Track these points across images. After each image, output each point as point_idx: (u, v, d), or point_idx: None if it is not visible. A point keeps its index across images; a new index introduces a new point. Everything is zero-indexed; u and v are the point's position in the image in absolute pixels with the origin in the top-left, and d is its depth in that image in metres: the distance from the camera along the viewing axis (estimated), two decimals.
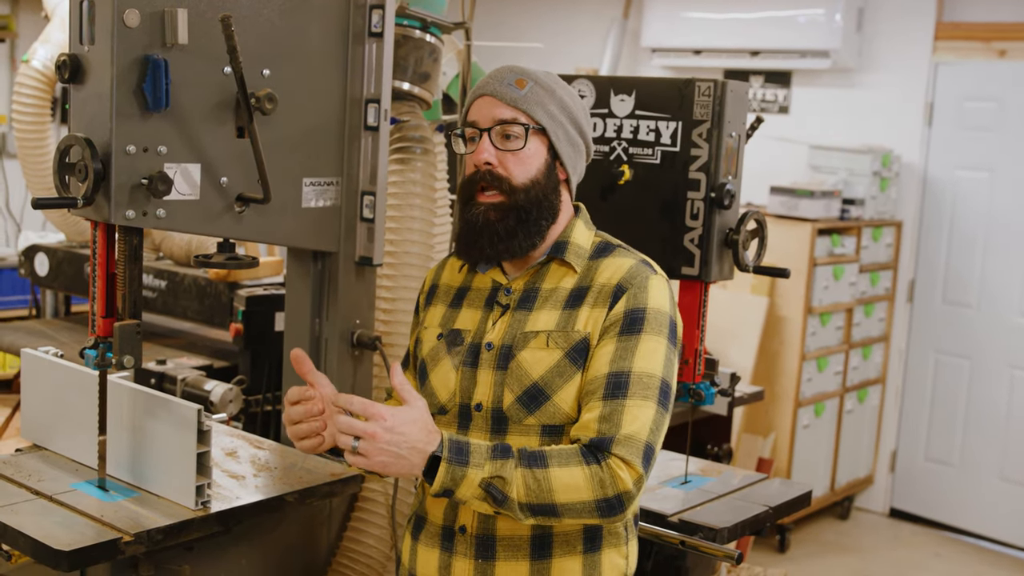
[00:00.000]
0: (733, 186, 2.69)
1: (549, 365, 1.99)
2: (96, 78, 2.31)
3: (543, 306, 2.05)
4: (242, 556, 2.62)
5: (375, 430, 1.83)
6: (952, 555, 5.79)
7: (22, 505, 2.34)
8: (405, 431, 1.84)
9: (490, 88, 2.05)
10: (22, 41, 7.09)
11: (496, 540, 2.00)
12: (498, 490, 1.86)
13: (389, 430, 1.83)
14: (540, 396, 1.98)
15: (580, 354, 1.99)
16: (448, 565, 2.04)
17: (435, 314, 2.16)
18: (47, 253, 4.66)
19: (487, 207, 2.02)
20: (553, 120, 2.06)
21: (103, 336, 2.39)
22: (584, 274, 2.06)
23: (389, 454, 1.83)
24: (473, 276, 2.15)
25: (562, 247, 2.08)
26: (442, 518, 2.06)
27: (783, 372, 5.65)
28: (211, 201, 2.47)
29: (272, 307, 3.53)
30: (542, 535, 2.00)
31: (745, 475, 3.09)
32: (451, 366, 2.07)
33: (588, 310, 2.01)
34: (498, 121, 2.03)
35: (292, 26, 2.60)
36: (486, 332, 2.06)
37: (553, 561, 2.01)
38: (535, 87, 2.05)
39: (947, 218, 6.06)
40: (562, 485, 1.87)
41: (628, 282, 2.01)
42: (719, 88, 2.65)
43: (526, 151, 2.03)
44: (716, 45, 6.52)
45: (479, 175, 2.03)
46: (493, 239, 2.02)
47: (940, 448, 6.15)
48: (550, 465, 1.87)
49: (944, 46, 5.97)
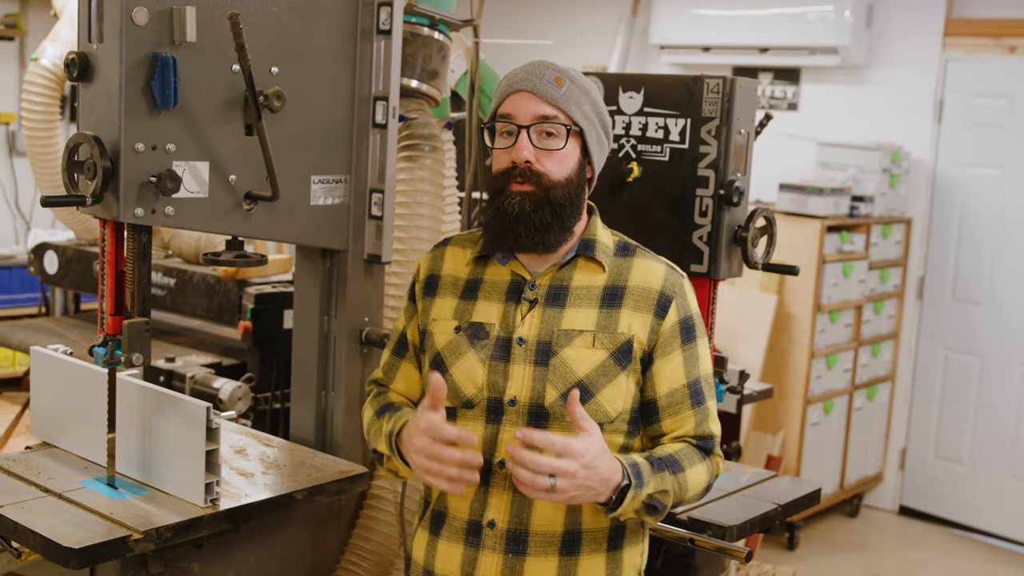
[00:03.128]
0: (742, 183, 2.69)
1: (595, 364, 2.00)
2: (105, 76, 2.31)
3: (577, 304, 2.05)
4: (251, 553, 2.62)
5: (575, 469, 1.84)
6: (962, 553, 5.78)
7: (32, 503, 2.35)
8: (598, 464, 1.88)
9: (529, 84, 2.03)
10: (31, 39, 7.10)
11: (529, 535, 2.00)
12: (660, 502, 1.97)
13: (587, 466, 1.85)
14: (584, 394, 1.99)
15: (624, 355, 2.02)
16: (474, 560, 2.02)
17: (445, 306, 2.12)
18: (56, 251, 4.67)
19: (522, 196, 2.00)
20: (588, 120, 2.06)
21: (112, 334, 2.39)
22: (614, 273, 2.07)
23: (583, 488, 1.87)
24: (484, 269, 2.12)
25: (591, 245, 2.09)
26: (467, 512, 2.04)
27: (792, 369, 5.64)
28: (220, 199, 2.47)
29: (281, 305, 3.53)
30: (573, 532, 2.01)
31: (754, 473, 3.09)
32: (477, 360, 2.04)
33: (630, 312, 2.04)
34: (539, 119, 2.01)
35: (300, 24, 2.60)
36: (516, 326, 2.04)
37: (581, 559, 2.02)
38: (572, 86, 2.05)
39: (957, 215, 6.04)
40: (694, 483, 2.03)
41: (671, 291, 2.07)
42: (728, 85, 2.64)
43: (565, 151, 2.03)
44: (725, 42, 6.50)
45: (516, 171, 2.01)
46: (530, 228, 2.01)
47: (950, 445, 6.14)
48: (685, 468, 2.01)
49: (954, 42, 5.95)
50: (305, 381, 2.95)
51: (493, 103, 2.09)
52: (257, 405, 3.40)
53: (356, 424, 2.90)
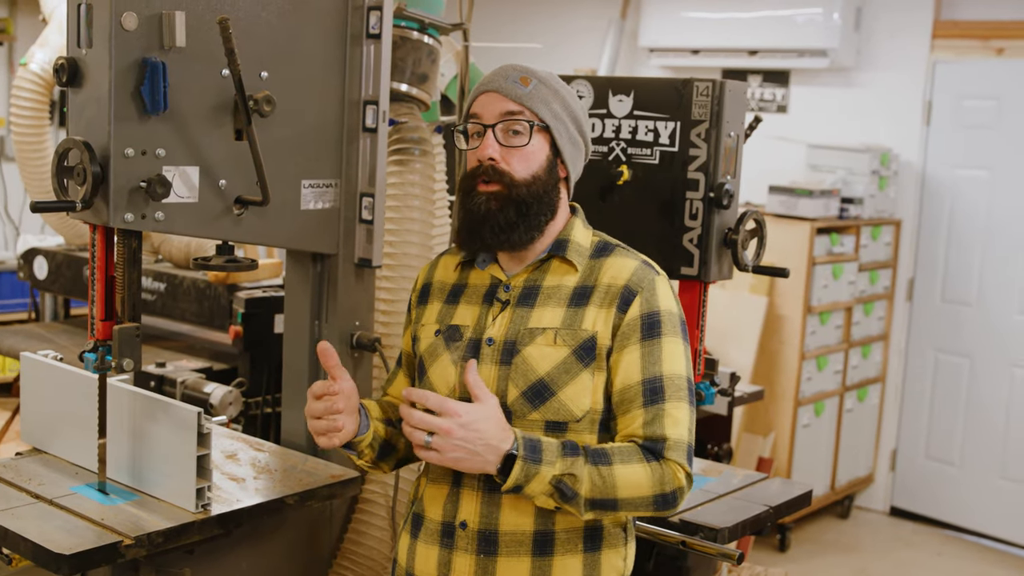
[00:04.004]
0: (732, 186, 2.69)
1: (556, 362, 2.00)
2: (94, 81, 2.31)
3: (546, 303, 2.05)
4: (243, 559, 2.61)
5: (450, 426, 1.88)
6: (953, 554, 5.79)
7: (22, 509, 2.34)
8: (480, 428, 1.90)
9: (495, 84, 2.06)
10: (20, 44, 7.09)
11: (499, 536, 2.00)
12: (568, 487, 1.92)
13: (464, 426, 1.89)
14: (545, 392, 2.00)
15: (587, 352, 2.01)
16: (448, 561, 2.03)
17: (431, 311, 2.16)
18: (46, 256, 4.66)
19: (488, 196, 2.03)
20: (556, 118, 2.08)
21: (102, 339, 2.39)
22: (587, 273, 2.08)
23: (464, 450, 1.89)
24: (469, 273, 2.16)
25: (563, 245, 2.10)
26: (441, 514, 2.05)
27: (783, 371, 5.65)
28: (210, 204, 2.47)
29: (271, 309, 3.53)
30: (545, 532, 2.01)
31: (745, 475, 3.09)
32: (450, 361, 2.07)
33: (595, 309, 2.03)
34: (503, 117, 2.04)
35: (290, 28, 2.60)
36: (486, 328, 2.06)
37: (555, 559, 2.01)
38: (539, 85, 2.07)
39: (946, 216, 6.06)
40: (625, 482, 1.94)
41: (637, 285, 2.03)
42: (717, 88, 2.65)
43: (529, 147, 2.05)
44: (714, 45, 6.51)
45: (481, 169, 2.04)
46: (494, 228, 2.03)
47: (940, 446, 6.15)
48: (614, 462, 1.94)
49: (942, 44, 5.97)
50: (296, 385, 2.94)
51: (465, 106, 2.12)
52: (248, 410, 3.40)
53: None
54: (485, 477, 1.99)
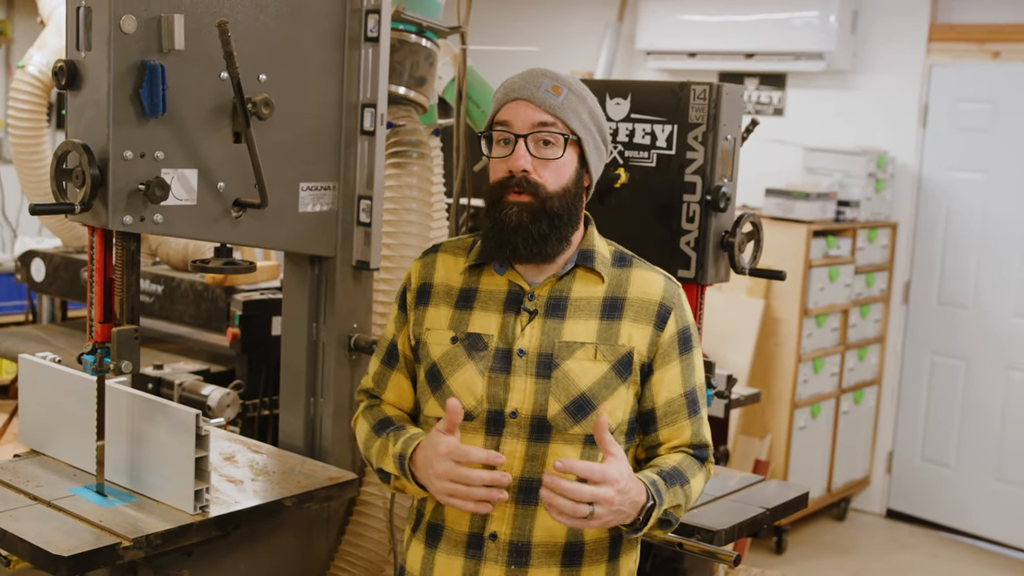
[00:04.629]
0: (729, 189, 2.70)
1: (597, 377, 2.01)
2: (93, 84, 2.31)
3: (576, 315, 2.04)
4: (241, 561, 2.62)
5: (613, 496, 1.85)
6: (949, 556, 5.80)
7: (20, 511, 2.34)
8: (629, 489, 1.89)
9: (527, 93, 2.01)
10: (17, 46, 7.08)
11: (531, 547, 2.00)
12: (673, 516, 2.01)
13: (622, 492, 1.87)
14: (587, 406, 1.99)
15: (625, 367, 2.03)
16: (475, 573, 2.01)
17: (439, 315, 2.10)
18: (43, 258, 4.66)
19: (519, 207, 1.99)
20: (585, 129, 2.05)
21: (101, 341, 2.39)
22: (614, 284, 2.07)
23: (616, 513, 1.88)
24: (480, 278, 2.10)
25: (589, 255, 2.08)
26: (468, 525, 2.02)
27: (779, 374, 5.66)
28: (208, 206, 2.48)
29: (269, 311, 3.53)
30: (575, 543, 2.02)
31: (742, 477, 3.10)
32: (476, 371, 2.02)
33: (630, 324, 2.04)
34: (537, 127, 2.00)
35: (288, 31, 2.60)
36: (516, 338, 2.03)
37: (582, 569, 2.02)
38: (570, 94, 2.04)
39: (942, 219, 6.07)
40: (696, 492, 2.08)
41: (670, 302, 2.09)
42: (714, 91, 2.66)
43: (562, 160, 2.02)
44: (711, 48, 6.52)
45: (513, 180, 2.00)
46: (528, 240, 2.00)
47: (936, 449, 6.16)
48: (689, 479, 2.05)
49: (938, 48, 5.98)
50: (294, 388, 2.95)
51: (491, 111, 2.08)
52: (246, 412, 3.40)
53: (345, 431, 2.90)
54: (518, 489, 1.98)
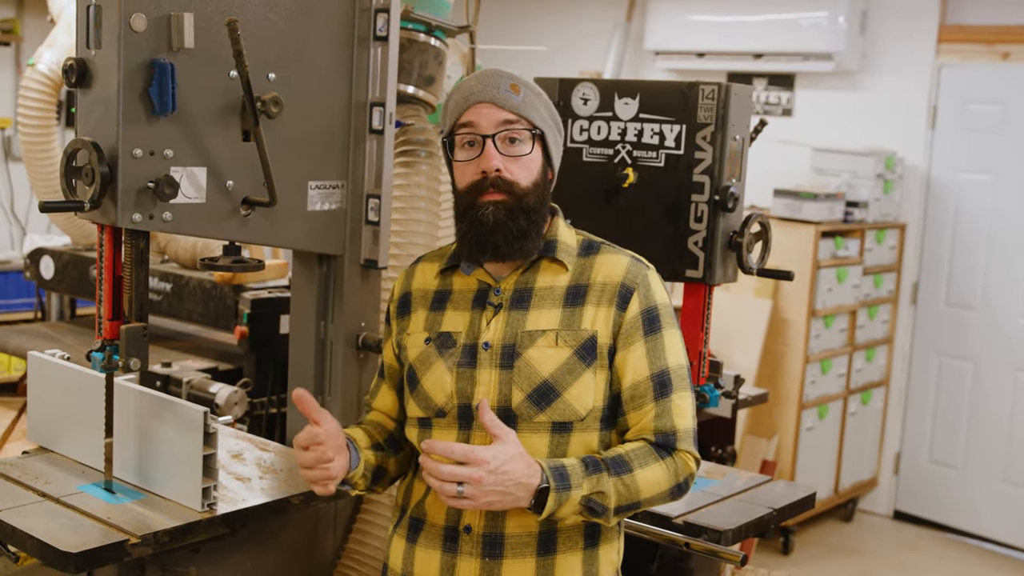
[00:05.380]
0: (737, 189, 2.70)
1: (559, 363, 2.01)
2: (103, 82, 2.32)
3: (541, 305, 2.06)
4: (248, 558, 2.62)
5: (480, 475, 1.87)
6: (956, 557, 5.79)
7: (29, 507, 2.35)
8: (508, 469, 1.89)
9: (488, 95, 2.04)
10: (28, 45, 7.09)
11: (504, 538, 2.01)
12: (598, 503, 1.95)
13: (493, 472, 1.88)
14: (551, 393, 2.00)
15: (588, 351, 2.02)
16: (452, 566, 2.03)
17: (416, 320, 2.15)
18: (52, 256, 4.67)
19: (495, 206, 2.02)
20: (545, 123, 2.10)
21: (109, 339, 2.40)
22: (578, 272, 2.09)
23: (496, 493, 1.89)
24: (452, 279, 2.14)
25: (552, 246, 2.10)
26: (444, 519, 2.05)
27: (787, 374, 5.66)
28: (217, 204, 2.48)
29: (277, 310, 3.53)
30: (548, 532, 2.02)
31: (749, 477, 3.10)
32: (445, 368, 2.06)
33: (593, 308, 2.04)
34: (503, 126, 2.03)
35: (298, 30, 2.61)
36: (481, 332, 2.06)
37: (557, 557, 2.03)
38: (527, 92, 2.08)
39: (950, 220, 6.06)
40: (647, 484, 1.99)
41: (632, 282, 2.06)
42: (723, 91, 2.65)
43: (531, 155, 2.06)
44: (719, 48, 6.52)
45: (488, 181, 2.03)
46: (508, 237, 2.02)
47: (944, 450, 6.15)
48: (634, 468, 1.98)
49: (947, 49, 5.97)
50: (302, 385, 2.95)
51: (449, 116, 2.10)
52: (253, 410, 3.40)
53: None
54: None
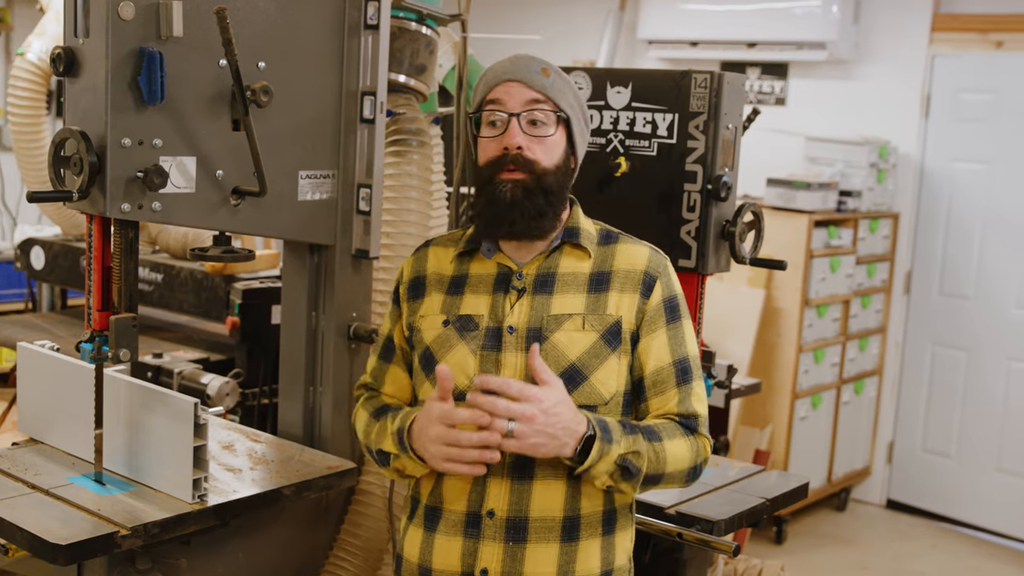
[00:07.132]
0: (729, 178, 2.69)
1: (585, 347, 2.03)
2: (91, 71, 2.30)
3: (565, 290, 2.07)
4: (239, 549, 2.62)
5: (534, 412, 1.88)
6: (949, 546, 5.80)
7: (18, 499, 2.34)
8: (559, 412, 1.91)
9: (518, 75, 2.06)
10: (17, 34, 7.06)
11: (528, 522, 2.01)
12: (633, 464, 1.97)
13: (546, 412, 1.89)
14: (577, 376, 2.02)
15: (614, 336, 2.05)
16: (474, 551, 2.02)
17: (432, 303, 2.14)
18: (43, 247, 4.65)
19: (514, 184, 2.03)
20: (572, 110, 2.11)
21: (99, 330, 2.39)
22: (600, 259, 2.11)
23: (544, 435, 1.90)
24: (470, 264, 2.14)
25: (575, 232, 2.12)
26: (465, 505, 2.04)
27: (780, 364, 5.66)
28: (207, 194, 2.47)
29: (268, 300, 3.52)
30: (572, 517, 2.03)
31: (742, 467, 3.09)
32: (468, 351, 2.05)
33: (617, 295, 2.07)
34: (530, 104, 2.05)
35: (288, 19, 2.59)
36: (505, 316, 2.06)
37: (580, 543, 2.04)
38: (557, 77, 2.10)
39: (944, 210, 6.06)
40: (673, 457, 2.02)
41: (655, 271, 2.11)
42: (716, 80, 2.64)
43: (554, 138, 2.07)
44: (713, 37, 6.51)
45: (508, 158, 2.04)
46: (525, 215, 2.03)
47: (937, 440, 6.16)
48: (663, 439, 2.02)
49: (941, 37, 5.97)
50: (293, 376, 2.94)
51: (478, 93, 2.12)
52: (245, 401, 3.39)
53: (344, 420, 2.90)
54: (513, 465, 2.00)
